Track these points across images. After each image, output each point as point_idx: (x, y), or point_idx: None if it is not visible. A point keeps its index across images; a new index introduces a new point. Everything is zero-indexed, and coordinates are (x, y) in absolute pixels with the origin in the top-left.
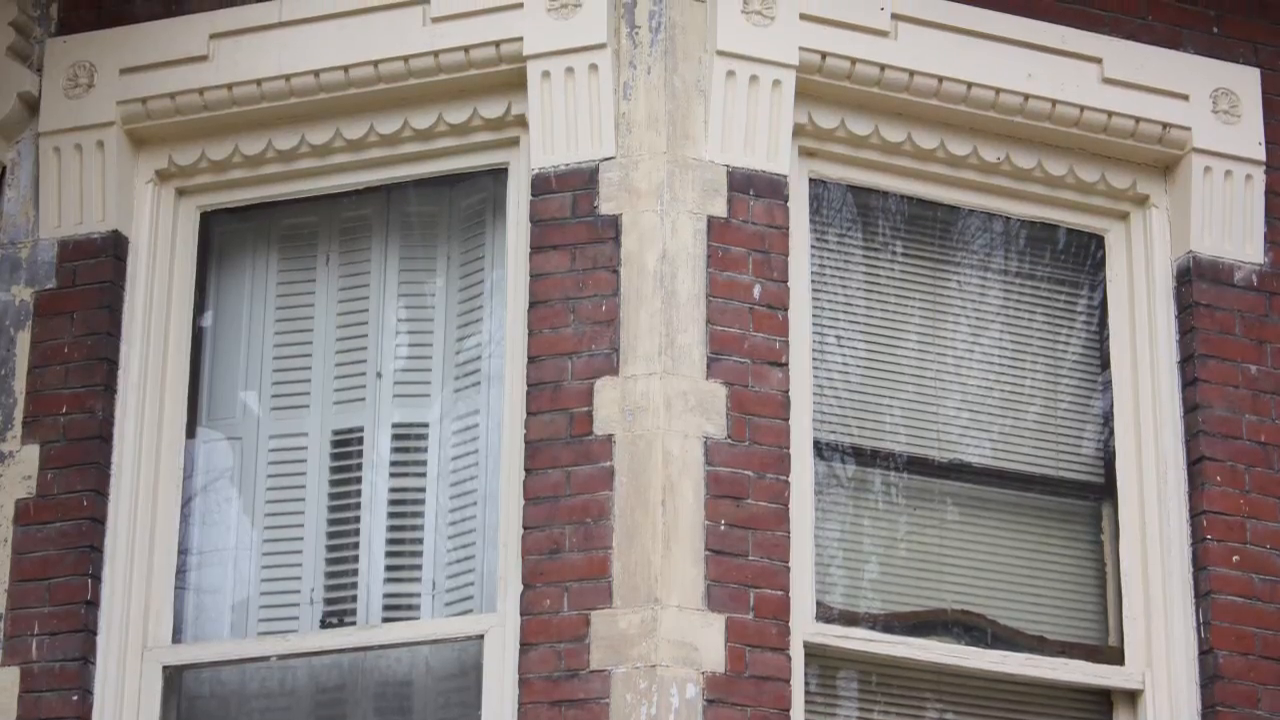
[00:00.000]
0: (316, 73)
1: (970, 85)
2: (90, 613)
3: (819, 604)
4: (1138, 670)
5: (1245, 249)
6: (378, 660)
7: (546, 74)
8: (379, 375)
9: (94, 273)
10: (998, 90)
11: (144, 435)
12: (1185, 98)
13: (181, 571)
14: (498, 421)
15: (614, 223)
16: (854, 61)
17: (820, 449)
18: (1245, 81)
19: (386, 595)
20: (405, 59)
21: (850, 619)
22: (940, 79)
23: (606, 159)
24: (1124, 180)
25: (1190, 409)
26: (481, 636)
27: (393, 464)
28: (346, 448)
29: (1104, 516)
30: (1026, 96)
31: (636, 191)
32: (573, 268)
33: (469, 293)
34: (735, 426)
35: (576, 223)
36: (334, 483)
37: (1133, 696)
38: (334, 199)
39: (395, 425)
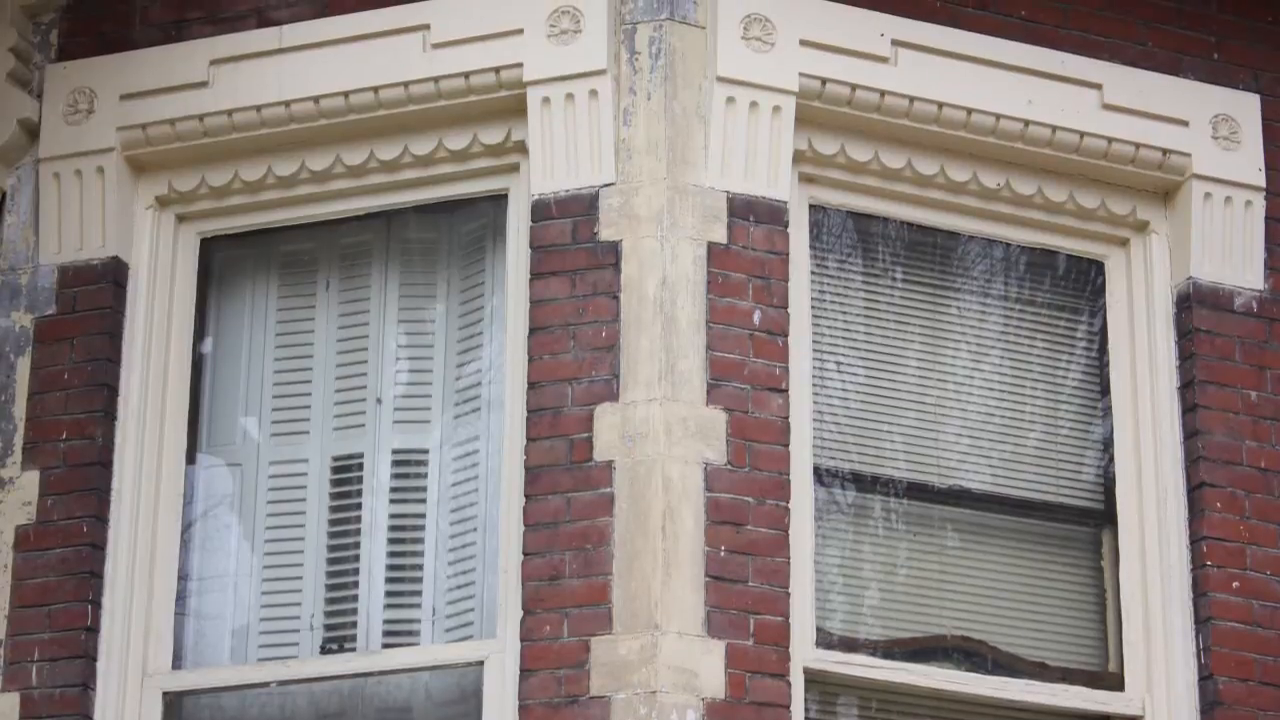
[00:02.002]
0: (316, 99)
1: (970, 111)
2: (90, 639)
3: (819, 630)
4: (1138, 696)
5: (1245, 275)
6: (378, 686)
7: (546, 100)
8: (379, 401)
9: (94, 299)
10: (998, 116)
11: (144, 461)
12: (1185, 123)
13: (181, 597)
14: (498, 447)
15: (614, 249)
16: (854, 87)
17: (820, 475)
18: (1245, 107)
19: (386, 621)
20: (405, 85)
21: (850, 645)
22: (940, 105)
23: (607, 185)
24: (1124, 206)
25: (1190, 435)
26: (481, 662)
27: (393, 490)
28: (346, 474)
29: (1104, 542)
30: (1026, 122)
31: (636, 217)
32: (573, 294)
33: (469, 319)
34: (735, 452)
35: (576, 249)
36: (334, 509)
37: None
38: (334, 225)
39: (395, 451)
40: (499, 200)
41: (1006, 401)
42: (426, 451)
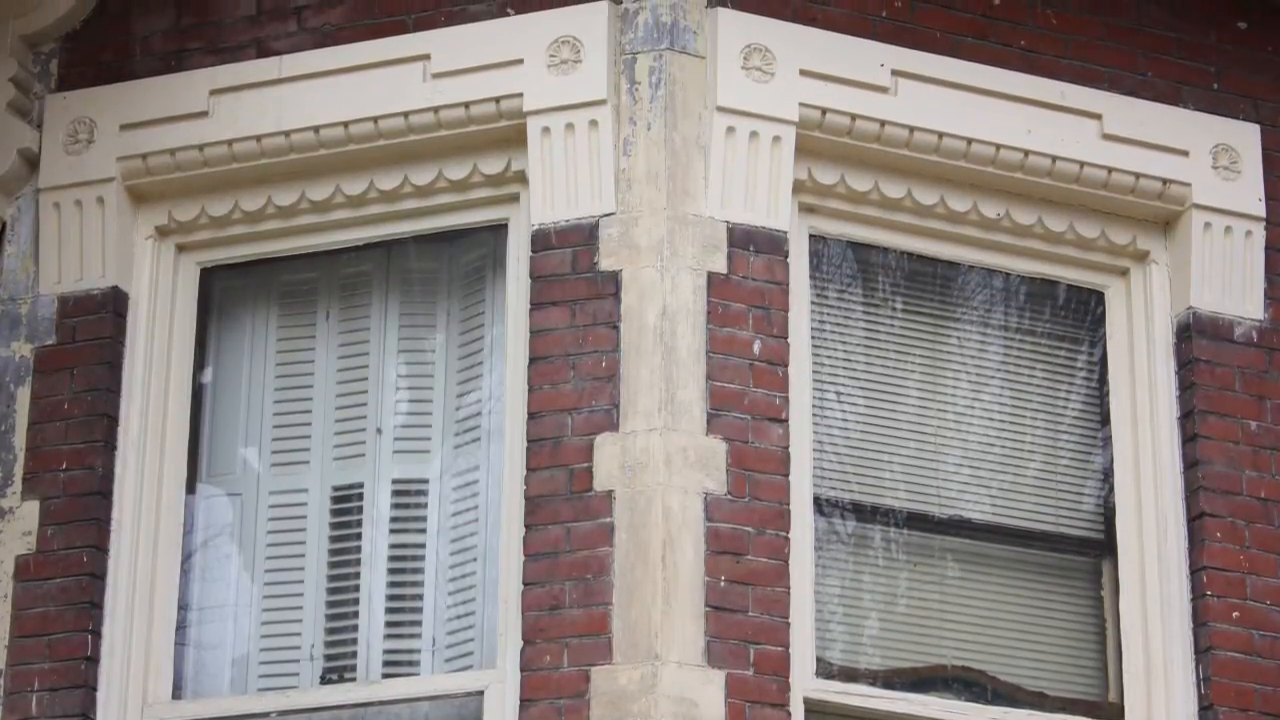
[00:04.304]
0: (316, 129)
1: (970, 141)
2: (90, 669)
3: (819, 660)
4: None
5: (1245, 305)
6: (378, 716)
7: (546, 130)
8: (379, 431)
9: (94, 329)
10: (998, 146)
11: (144, 491)
12: (1185, 153)
13: (181, 627)
14: (498, 477)
15: (614, 279)
16: (854, 117)
17: (820, 505)
18: (1245, 137)
19: (386, 651)
20: (405, 115)
21: (850, 675)
22: (940, 135)
23: (607, 215)
24: (1124, 236)
25: (1190, 465)
26: (481, 692)
27: (393, 520)
28: (346, 504)
29: (1104, 572)
30: (1026, 152)
31: (636, 247)
32: (573, 324)
33: (469, 349)
34: (735, 482)
35: (577, 279)
36: (334, 539)
37: None
38: (334, 255)
39: (395, 481)
40: (499, 230)
41: (1006, 431)
42: (426, 481)
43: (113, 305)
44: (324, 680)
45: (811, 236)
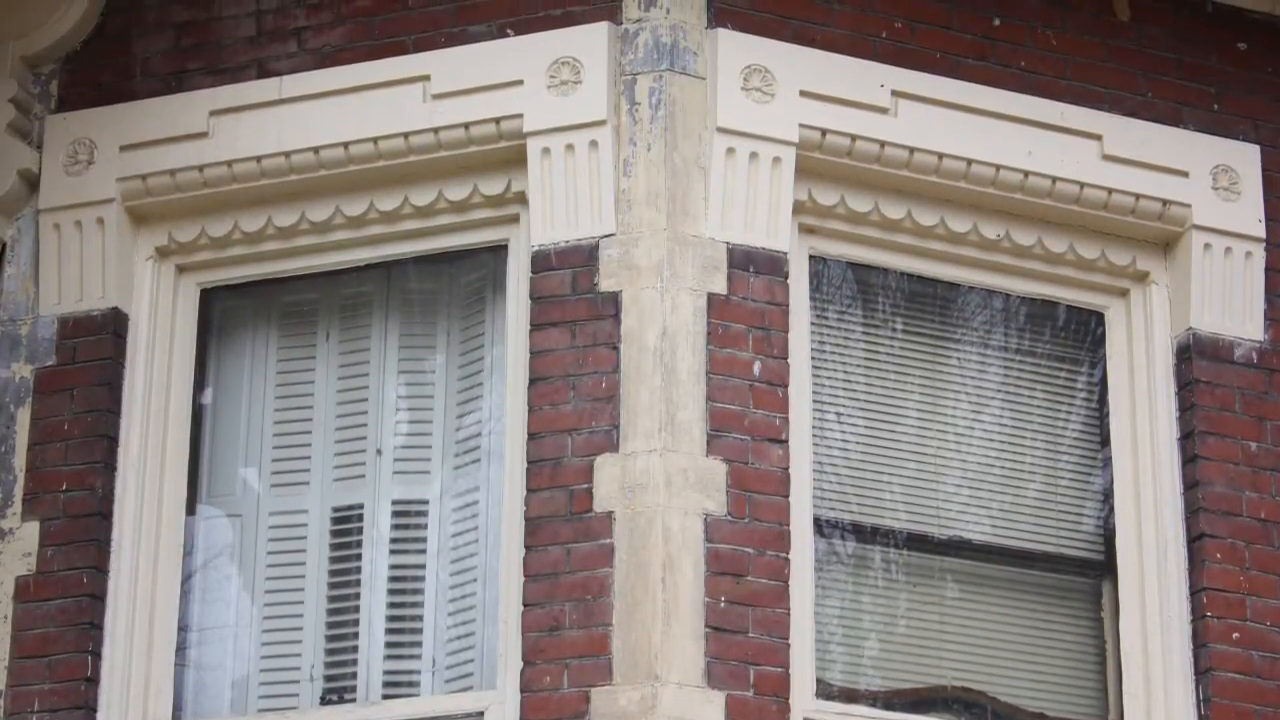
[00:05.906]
0: (316, 149)
1: (970, 162)
2: (90, 690)
3: (819, 681)
4: None
5: (1245, 326)
6: None
7: (547, 150)
8: (379, 452)
9: (94, 349)
10: (998, 167)
11: (144, 512)
12: (1185, 174)
13: (181, 648)
14: (498, 498)
15: (614, 300)
16: (854, 138)
17: (820, 526)
18: (1245, 158)
19: (386, 672)
20: (405, 136)
21: (850, 696)
22: (940, 156)
23: (607, 236)
24: (1124, 257)
25: (1190, 486)
26: (482, 713)
27: (393, 541)
28: (346, 524)
29: (1104, 593)
30: (1026, 173)
31: (637, 268)
32: (573, 344)
33: (469, 369)
34: (735, 503)
35: (577, 299)
36: (334, 559)
37: None
38: (334, 276)
39: (395, 502)
40: (499, 251)
41: (1006, 452)
42: (427, 502)
43: (113, 326)
44: (324, 701)
45: (811, 257)
